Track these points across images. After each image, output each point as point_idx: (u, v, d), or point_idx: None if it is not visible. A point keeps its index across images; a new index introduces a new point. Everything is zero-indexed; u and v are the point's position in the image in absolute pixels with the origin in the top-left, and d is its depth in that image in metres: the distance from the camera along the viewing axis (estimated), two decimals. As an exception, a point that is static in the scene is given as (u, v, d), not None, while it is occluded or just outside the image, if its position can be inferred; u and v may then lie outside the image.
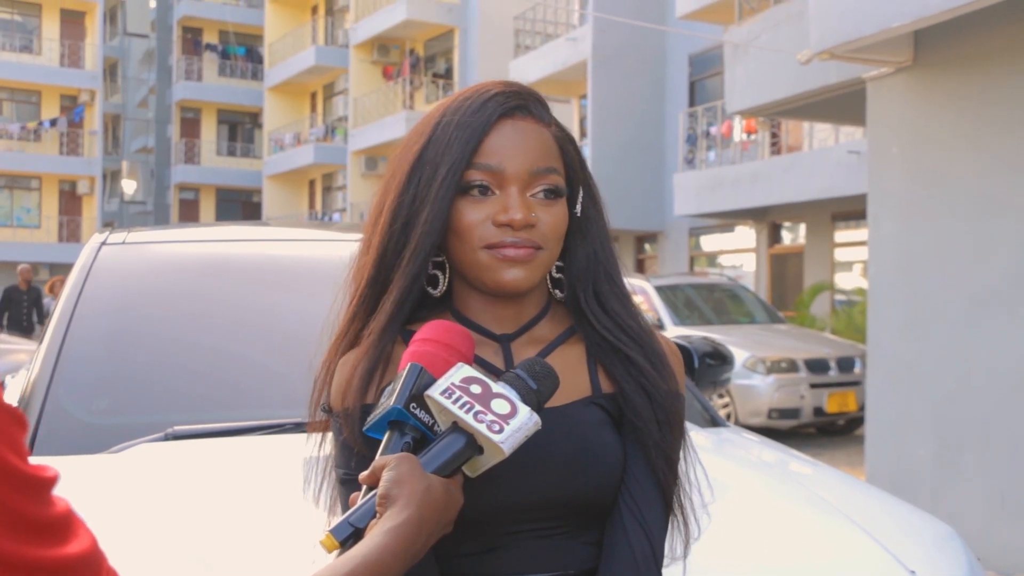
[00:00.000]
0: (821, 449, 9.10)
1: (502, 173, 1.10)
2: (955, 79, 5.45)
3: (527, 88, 1.17)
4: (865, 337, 6.69)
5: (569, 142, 1.17)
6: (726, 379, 3.28)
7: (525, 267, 1.11)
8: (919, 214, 5.62)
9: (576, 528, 1.11)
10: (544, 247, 1.11)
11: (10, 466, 0.67)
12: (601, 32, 18.17)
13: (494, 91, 1.13)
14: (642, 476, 1.12)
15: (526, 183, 1.11)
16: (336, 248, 2.72)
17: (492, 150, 1.10)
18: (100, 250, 2.41)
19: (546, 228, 1.11)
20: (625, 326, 1.16)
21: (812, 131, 15.03)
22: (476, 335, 1.14)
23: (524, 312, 1.17)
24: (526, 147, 1.11)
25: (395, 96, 26.29)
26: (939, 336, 5.43)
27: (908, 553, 1.74)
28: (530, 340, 1.17)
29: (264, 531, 1.60)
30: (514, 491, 1.07)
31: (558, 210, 1.12)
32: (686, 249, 19.15)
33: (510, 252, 1.09)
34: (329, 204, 31.44)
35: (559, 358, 1.15)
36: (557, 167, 1.13)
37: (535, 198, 1.11)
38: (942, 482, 5.38)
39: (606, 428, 1.13)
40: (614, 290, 1.18)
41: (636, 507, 1.11)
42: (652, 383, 1.14)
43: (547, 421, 1.07)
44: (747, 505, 1.91)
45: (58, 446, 1.88)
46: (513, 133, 1.11)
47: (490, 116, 1.11)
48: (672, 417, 1.14)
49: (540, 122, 1.14)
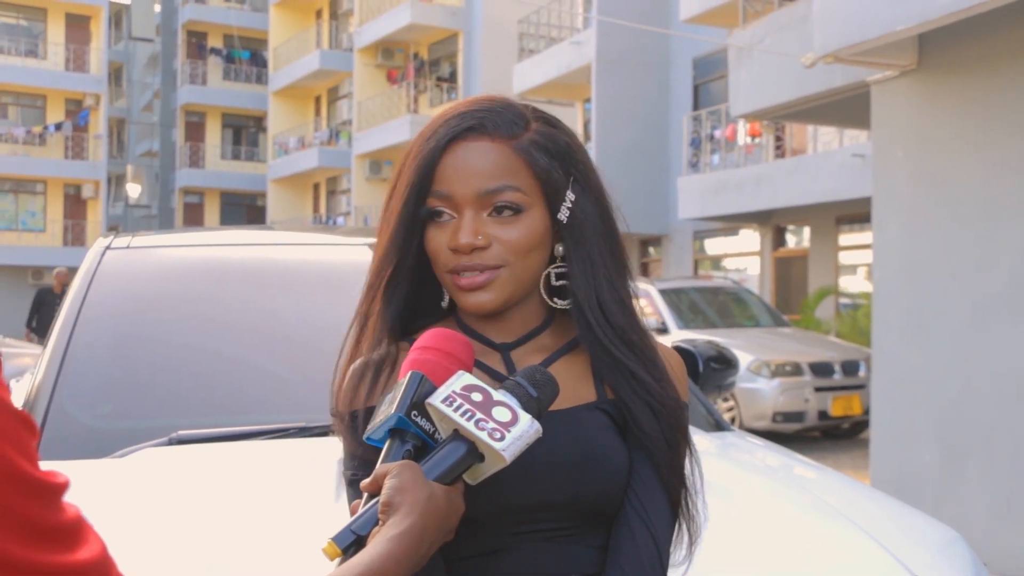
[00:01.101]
0: (825, 453, 9.08)
1: (452, 198, 1.12)
2: (960, 82, 5.45)
3: (496, 102, 1.16)
4: (870, 340, 6.68)
5: (541, 149, 1.14)
6: (730, 383, 3.27)
7: (486, 290, 1.12)
8: (924, 217, 5.62)
9: (580, 531, 1.11)
10: (505, 265, 1.12)
11: (20, 471, 0.67)
12: (605, 36, 18.18)
13: (450, 115, 1.15)
14: (648, 481, 1.13)
15: (478, 204, 1.12)
16: (340, 252, 2.73)
17: (443, 176, 1.12)
18: (104, 254, 2.41)
19: (504, 247, 1.12)
20: (627, 339, 1.15)
21: (816, 134, 15.02)
22: (478, 345, 1.16)
23: (526, 322, 1.18)
24: (472, 169, 1.11)
25: (399, 100, 26.31)
26: (944, 340, 5.42)
27: (913, 558, 1.73)
28: (534, 348, 1.18)
29: (269, 536, 1.60)
30: (518, 493, 1.08)
31: (520, 226, 1.12)
32: (690, 252, 19.14)
33: (463, 282, 1.12)
34: (333, 208, 31.46)
35: (564, 366, 1.16)
36: (514, 182, 1.11)
37: (491, 217, 1.12)
38: (947, 486, 5.36)
39: (611, 433, 1.13)
40: (615, 297, 1.16)
41: (643, 511, 1.12)
42: (657, 399, 1.14)
43: (552, 424, 1.08)
44: (751, 509, 1.90)
45: (62, 450, 1.89)
46: (462, 155, 1.12)
47: (439, 142, 1.12)
48: (677, 429, 1.15)
49: (496, 138, 1.12)
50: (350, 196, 28.56)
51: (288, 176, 31.75)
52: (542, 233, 1.14)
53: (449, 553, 1.06)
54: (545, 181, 1.13)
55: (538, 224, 1.13)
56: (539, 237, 1.13)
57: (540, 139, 1.14)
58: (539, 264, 1.15)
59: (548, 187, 1.14)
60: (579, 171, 1.17)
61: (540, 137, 1.14)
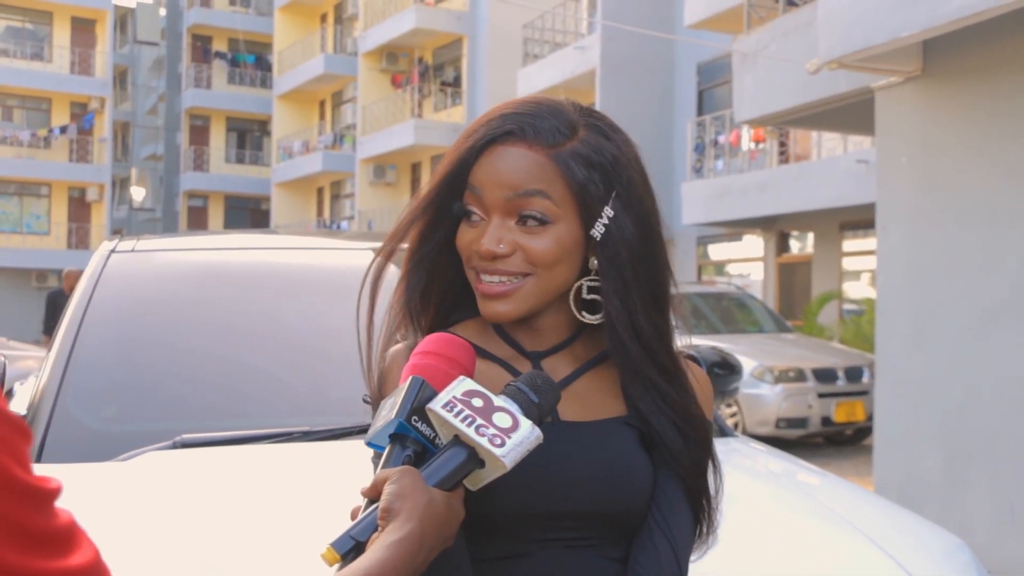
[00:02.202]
0: (829, 459, 9.06)
1: (482, 200, 1.11)
2: (964, 89, 5.45)
3: (543, 106, 1.12)
4: (873, 346, 6.67)
5: (581, 159, 1.09)
6: (734, 389, 3.27)
7: (506, 301, 1.11)
8: (928, 224, 5.61)
9: (602, 542, 1.11)
10: (532, 273, 1.11)
11: (12, 477, 0.67)
12: (610, 41, 18.19)
13: (495, 114, 1.13)
14: (673, 497, 1.13)
15: (505, 211, 1.10)
16: (345, 257, 2.73)
17: (477, 177, 1.11)
18: (109, 258, 2.41)
19: (528, 256, 1.10)
20: (658, 363, 1.13)
21: (820, 140, 15.01)
22: (510, 349, 1.17)
23: (557, 331, 1.17)
24: (503, 174, 1.09)
25: (404, 104, 26.33)
26: (948, 347, 5.42)
27: (917, 565, 1.73)
28: (565, 358, 1.17)
29: (272, 540, 1.60)
30: (543, 499, 1.08)
31: (546, 237, 1.09)
32: (694, 258, 19.13)
33: (483, 287, 1.12)
34: (337, 212, 31.49)
35: (594, 378, 1.16)
36: (546, 190, 1.08)
37: (517, 225, 1.10)
38: (951, 493, 5.35)
39: (637, 449, 1.13)
40: (650, 322, 1.12)
41: (667, 527, 1.12)
42: (683, 417, 1.14)
43: (580, 436, 1.09)
44: (754, 516, 1.90)
45: (66, 454, 1.89)
46: (496, 159, 1.10)
47: (476, 142, 1.11)
48: (702, 448, 1.16)
49: (534, 145, 1.09)
50: (354, 200, 28.58)
51: (292, 180, 31.77)
52: (571, 247, 1.11)
53: (471, 555, 1.07)
54: (579, 194, 1.09)
55: (566, 237, 1.10)
56: (566, 251, 1.11)
57: (583, 149, 1.10)
58: (567, 277, 1.13)
59: (583, 200, 1.09)
60: (623, 187, 1.11)
61: (583, 147, 1.10)
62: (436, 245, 1.16)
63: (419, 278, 1.17)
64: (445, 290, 1.19)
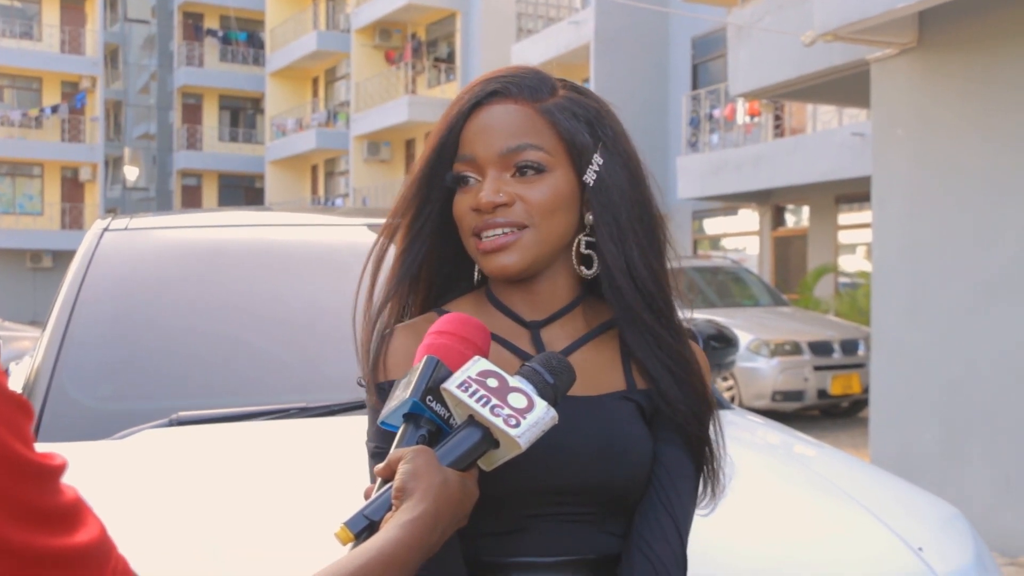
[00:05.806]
0: (825, 431, 9.11)
1: (475, 160, 1.12)
2: (960, 60, 5.42)
3: (522, 69, 1.16)
4: (868, 320, 6.68)
5: (567, 111, 1.13)
6: (730, 362, 3.28)
7: (508, 252, 1.12)
8: (924, 196, 5.60)
9: (601, 517, 1.12)
10: (530, 224, 1.12)
11: (15, 454, 0.66)
12: (604, 15, 18.09)
13: (476, 82, 1.16)
14: (674, 468, 1.13)
15: (501, 164, 1.12)
16: (339, 233, 2.72)
17: (467, 139, 1.13)
18: (103, 236, 2.40)
19: (528, 205, 1.11)
20: (654, 307, 1.14)
21: (816, 113, 14.98)
22: (508, 320, 1.16)
23: (556, 296, 1.17)
24: (494, 129, 1.12)
25: (397, 81, 26.21)
26: (944, 320, 5.42)
27: (914, 534, 1.73)
28: (563, 329, 1.17)
29: (271, 516, 1.60)
30: (542, 476, 1.08)
31: (544, 186, 1.12)
32: (689, 232, 19.13)
33: (485, 244, 1.12)
34: (332, 189, 31.42)
35: (593, 350, 1.16)
36: (536, 142, 1.12)
37: (514, 178, 1.12)
38: (947, 465, 5.38)
39: (637, 423, 1.13)
40: (646, 263, 1.14)
41: (668, 501, 1.12)
42: (679, 365, 1.14)
43: (579, 410, 1.09)
44: (751, 487, 1.90)
45: (63, 432, 1.88)
46: (485, 118, 1.13)
47: (462, 108, 1.14)
48: (701, 399, 1.16)
49: (520, 100, 1.13)
50: (348, 177, 28.51)
51: (286, 158, 31.67)
52: (567, 195, 1.13)
53: (468, 530, 1.06)
54: (570, 142, 1.13)
55: (563, 185, 1.13)
56: (564, 198, 1.13)
57: (566, 103, 1.15)
58: (565, 227, 1.14)
59: (573, 149, 1.13)
60: (608, 136, 1.16)
61: (567, 101, 1.15)
62: (430, 220, 1.17)
63: (413, 255, 1.17)
64: (438, 268, 1.20)
